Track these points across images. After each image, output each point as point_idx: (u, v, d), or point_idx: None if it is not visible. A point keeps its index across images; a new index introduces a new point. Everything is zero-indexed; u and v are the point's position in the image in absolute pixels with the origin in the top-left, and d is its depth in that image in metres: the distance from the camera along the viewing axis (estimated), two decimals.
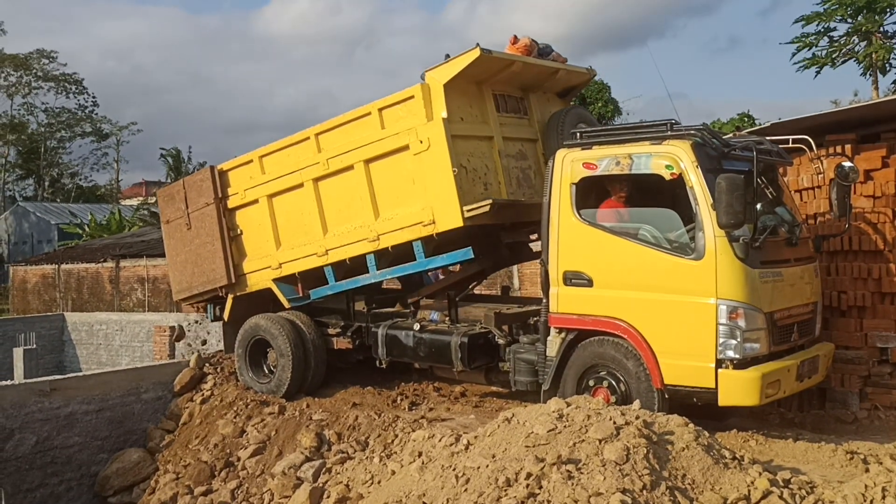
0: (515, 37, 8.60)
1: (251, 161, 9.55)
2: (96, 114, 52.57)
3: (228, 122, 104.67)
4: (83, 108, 52.04)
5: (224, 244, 9.69)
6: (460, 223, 7.71)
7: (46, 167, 51.97)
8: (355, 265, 8.80)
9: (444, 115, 7.82)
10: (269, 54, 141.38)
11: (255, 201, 9.50)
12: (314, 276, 9.19)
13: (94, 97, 52.22)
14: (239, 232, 9.76)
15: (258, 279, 9.63)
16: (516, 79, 8.55)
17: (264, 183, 9.38)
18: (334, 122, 8.76)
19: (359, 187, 8.52)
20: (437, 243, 8.15)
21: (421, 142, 7.88)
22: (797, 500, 5.22)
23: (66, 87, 50.78)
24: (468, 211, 7.65)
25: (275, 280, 9.44)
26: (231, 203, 9.74)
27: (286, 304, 9.48)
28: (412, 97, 8.02)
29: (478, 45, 7.76)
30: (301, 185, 9.01)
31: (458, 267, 9.66)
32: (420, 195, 8.03)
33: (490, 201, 7.61)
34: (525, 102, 8.81)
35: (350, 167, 8.56)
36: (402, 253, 8.38)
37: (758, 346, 6.52)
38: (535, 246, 9.02)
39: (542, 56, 8.69)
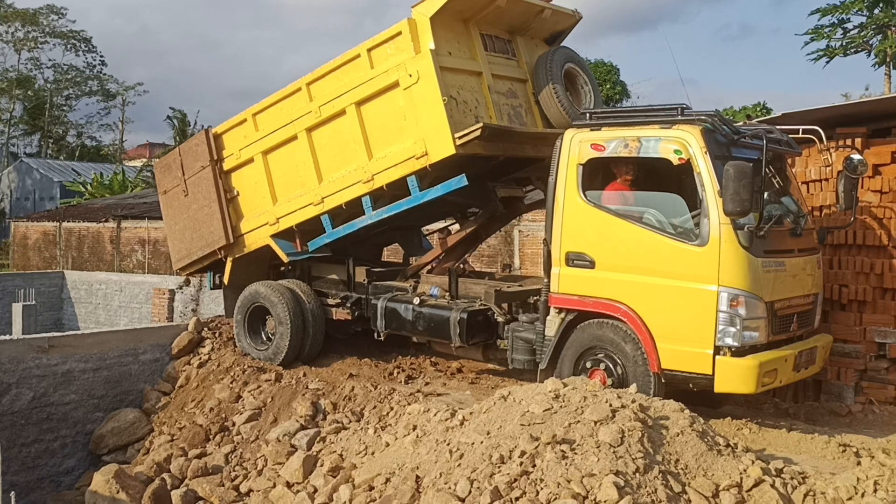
0: None
1: (245, 120, 9.56)
2: (104, 73, 52.38)
3: (235, 88, 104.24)
4: (91, 67, 51.83)
5: (221, 205, 9.70)
6: (452, 150, 7.73)
7: (52, 124, 51.77)
8: (352, 211, 8.81)
9: (432, 46, 7.86)
10: (277, 21, 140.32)
11: (251, 160, 9.51)
12: (312, 229, 9.19)
13: (101, 56, 52.03)
14: (235, 193, 9.77)
15: (256, 238, 9.62)
16: (502, 17, 8.54)
17: (259, 140, 9.39)
18: (324, 69, 8.78)
19: (351, 131, 8.55)
20: (431, 179, 8.16)
21: (410, 75, 7.93)
22: (789, 490, 5.26)
23: (75, 45, 50.55)
24: (459, 138, 7.66)
25: (273, 236, 9.43)
26: (227, 165, 9.74)
27: (285, 259, 9.47)
28: (399, 33, 8.07)
29: None
30: (295, 138, 9.04)
31: (455, 228, 9.70)
32: (412, 130, 8.07)
33: (481, 124, 7.60)
34: (512, 45, 8.84)
35: (342, 112, 8.59)
36: (397, 191, 8.41)
37: (757, 334, 6.53)
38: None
39: None
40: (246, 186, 9.66)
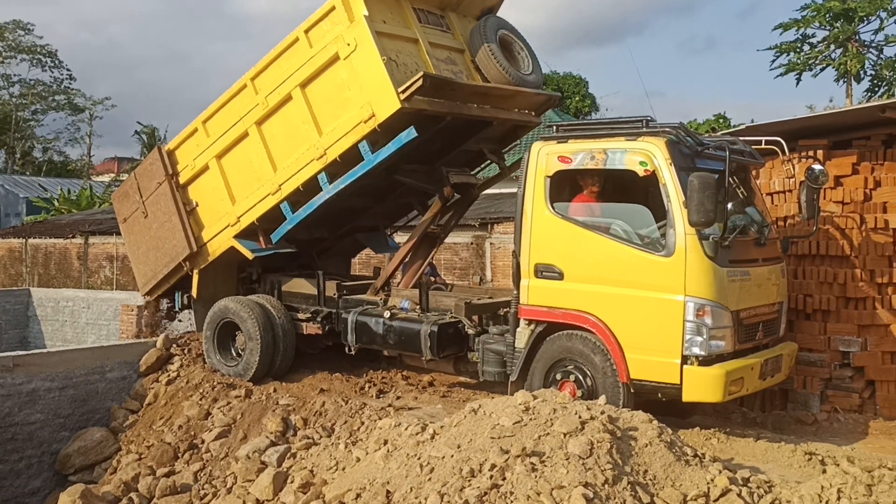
0: None
1: (196, 130, 9.61)
2: (71, 88, 51.81)
3: (204, 101, 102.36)
4: (58, 82, 51.25)
5: (181, 216, 9.69)
6: (398, 104, 7.82)
7: (19, 139, 51.04)
8: (310, 193, 8.82)
9: (366, 13, 8.00)
10: (246, 33, 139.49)
11: (206, 167, 9.53)
12: (273, 227, 9.17)
13: (68, 69, 51.47)
14: (195, 205, 9.75)
15: (220, 242, 9.57)
16: None
17: (211, 145, 9.43)
18: (266, 60, 8.90)
19: (300, 113, 8.65)
20: (382, 143, 8.21)
21: (349, 44, 8.10)
22: (755, 499, 5.30)
23: (41, 60, 49.96)
24: (402, 91, 7.77)
25: (236, 237, 9.39)
26: (183, 177, 9.74)
27: (249, 257, 9.39)
28: (333, 8, 8.24)
29: None
30: (246, 135, 9.11)
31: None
32: (357, 97, 8.19)
33: (422, 73, 7.75)
34: (445, 20, 9.01)
35: (288, 97, 8.70)
36: (351, 162, 8.45)
37: (723, 343, 6.60)
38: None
39: None
40: (204, 195, 9.65)
